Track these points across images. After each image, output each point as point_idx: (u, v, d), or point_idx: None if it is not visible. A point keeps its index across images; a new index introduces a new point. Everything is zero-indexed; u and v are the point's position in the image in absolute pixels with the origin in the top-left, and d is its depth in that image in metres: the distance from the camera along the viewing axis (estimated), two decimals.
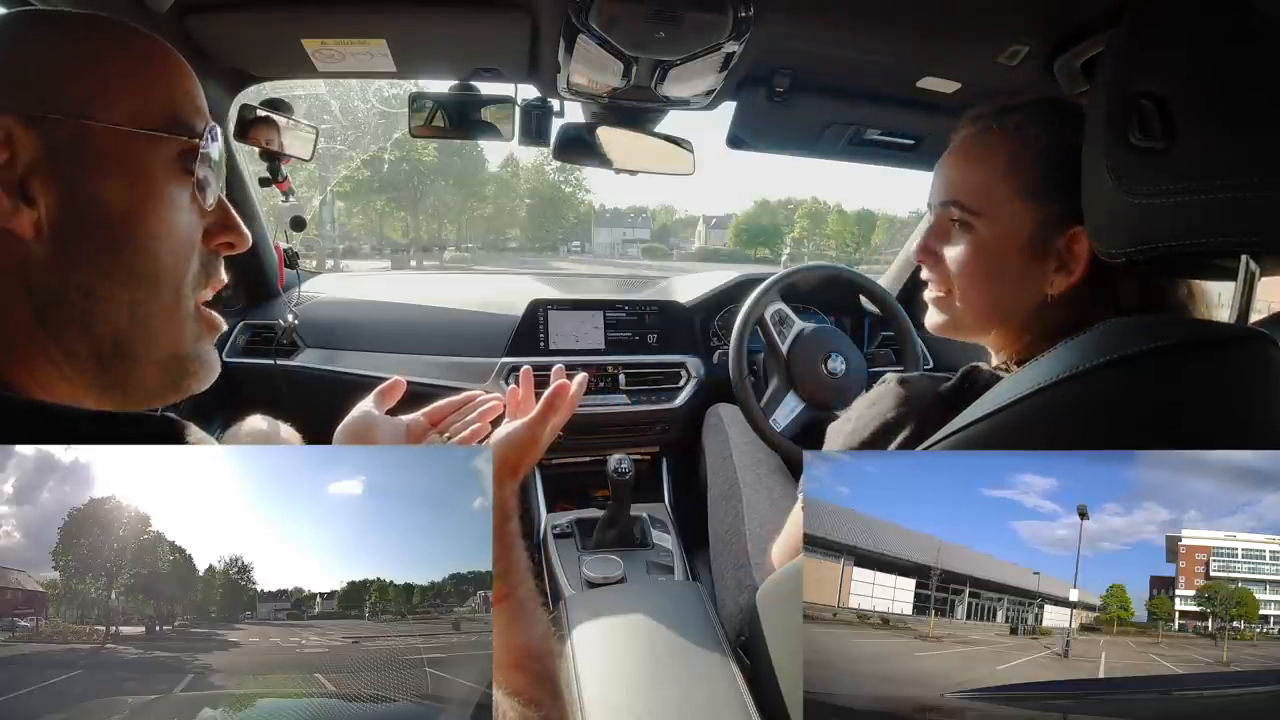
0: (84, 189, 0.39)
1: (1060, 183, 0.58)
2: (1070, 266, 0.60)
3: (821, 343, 1.43)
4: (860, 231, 49.21)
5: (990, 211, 0.62)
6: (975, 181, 0.63)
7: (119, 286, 0.40)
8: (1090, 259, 0.58)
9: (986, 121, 0.65)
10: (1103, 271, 0.58)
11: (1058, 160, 0.59)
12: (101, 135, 0.39)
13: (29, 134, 0.37)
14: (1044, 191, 0.60)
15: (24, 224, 0.37)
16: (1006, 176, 0.61)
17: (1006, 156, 0.62)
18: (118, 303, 0.40)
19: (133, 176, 0.40)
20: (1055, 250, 0.60)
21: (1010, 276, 0.62)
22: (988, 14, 0.97)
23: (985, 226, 0.63)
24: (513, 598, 0.50)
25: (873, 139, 1.39)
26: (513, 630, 0.48)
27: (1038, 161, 0.60)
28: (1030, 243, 0.61)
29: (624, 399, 1.59)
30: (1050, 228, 0.60)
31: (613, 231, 52.68)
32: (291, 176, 1.40)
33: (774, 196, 64.79)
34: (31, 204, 0.37)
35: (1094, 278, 0.60)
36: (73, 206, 0.38)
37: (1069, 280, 0.60)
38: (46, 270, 0.38)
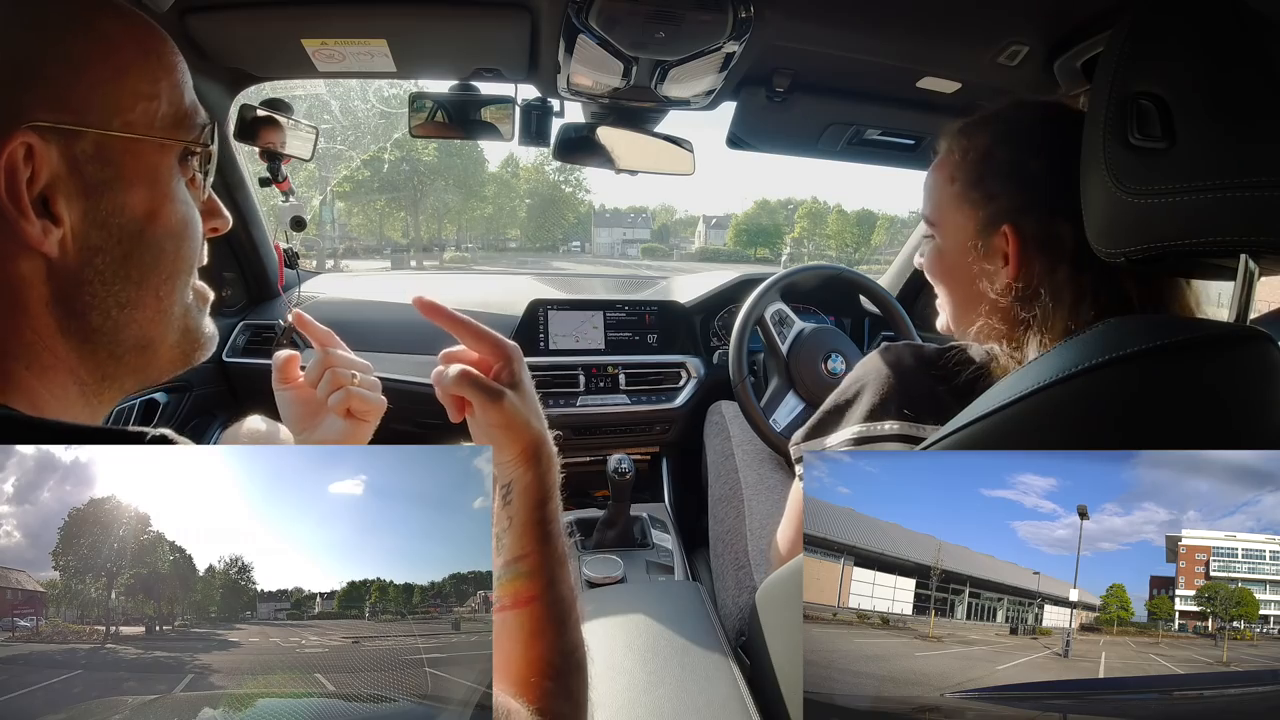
0: (108, 200, 0.38)
1: (989, 189, 0.64)
2: (1008, 261, 0.63)
3: (821, 343, 1.44)
4: (860, 231, 49.21)
5: (942, 222, 0.69)
6: (932, 197, 0.70)
7: (145, 289, 0.40)
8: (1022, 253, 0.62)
9: (944, 140, 0.70)
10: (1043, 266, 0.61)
11: (989, 168, 0.64)
12: (122, 143, 0.38)
13: (50, 148, 0.36)
14: (979, 197, 0.65)
15: (51, 244, 0.36)
16: (949, 188, 0.68)
17: (949, 169, 0.68)
18: (144, 305, 0.41)
19: (149, 180, 0.40)
20: (997, 249, 0.64)
21: (967, 277, 0.67)
22: (988, 14, 0.97)
23: (941, 235, 0.70)
24: (540, 601, 0.46)
25: (873, 139, 1.39)
26: (539, 637, 0.45)
27: (971, 170, 0.66)
28: (975, 245, 0.65)
29: (624, 399, 1.59)
30: (987, 229, 0.64)
31: (612, 231, 52.68)
32: (291, 176, 1.40)
33: (774, 196, 64.99)
34: (57, 221, 0.36)
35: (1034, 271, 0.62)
36: (99, 219, 0.38)
37: (1009, 276, 0.63)
38: (75, 286, 0.38)
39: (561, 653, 0.45)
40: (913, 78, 1.19)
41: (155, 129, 0.40)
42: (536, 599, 0.46)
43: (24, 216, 0.35)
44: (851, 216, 49.91)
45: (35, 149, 0.35)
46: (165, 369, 0.44)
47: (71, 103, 0.37)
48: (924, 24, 1.02)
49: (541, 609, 0.46)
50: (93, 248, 0.38)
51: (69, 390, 0.40)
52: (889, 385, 0.68)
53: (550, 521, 0.49)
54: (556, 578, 0.47)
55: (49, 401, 0.39)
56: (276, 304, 1.59)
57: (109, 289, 0.39)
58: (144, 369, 0.43)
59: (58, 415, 0.39)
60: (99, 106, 0.37)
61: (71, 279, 0.38)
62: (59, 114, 0.36)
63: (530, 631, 0.45)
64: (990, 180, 0.64)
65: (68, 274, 0.37)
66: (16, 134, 0.35)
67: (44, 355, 0.38)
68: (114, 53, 0.38)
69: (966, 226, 0.66)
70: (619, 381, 1.59)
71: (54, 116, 0.36)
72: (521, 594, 0.46)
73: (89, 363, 0.40)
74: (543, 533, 0.48)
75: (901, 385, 0.67)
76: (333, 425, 0.64)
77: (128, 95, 0.38)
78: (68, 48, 0.37)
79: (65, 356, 0.39)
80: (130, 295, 0.40)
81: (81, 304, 0.38)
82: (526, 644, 0.45)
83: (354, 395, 0.63)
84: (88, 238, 0.38)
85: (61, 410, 0.39)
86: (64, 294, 0.38)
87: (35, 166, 0.35)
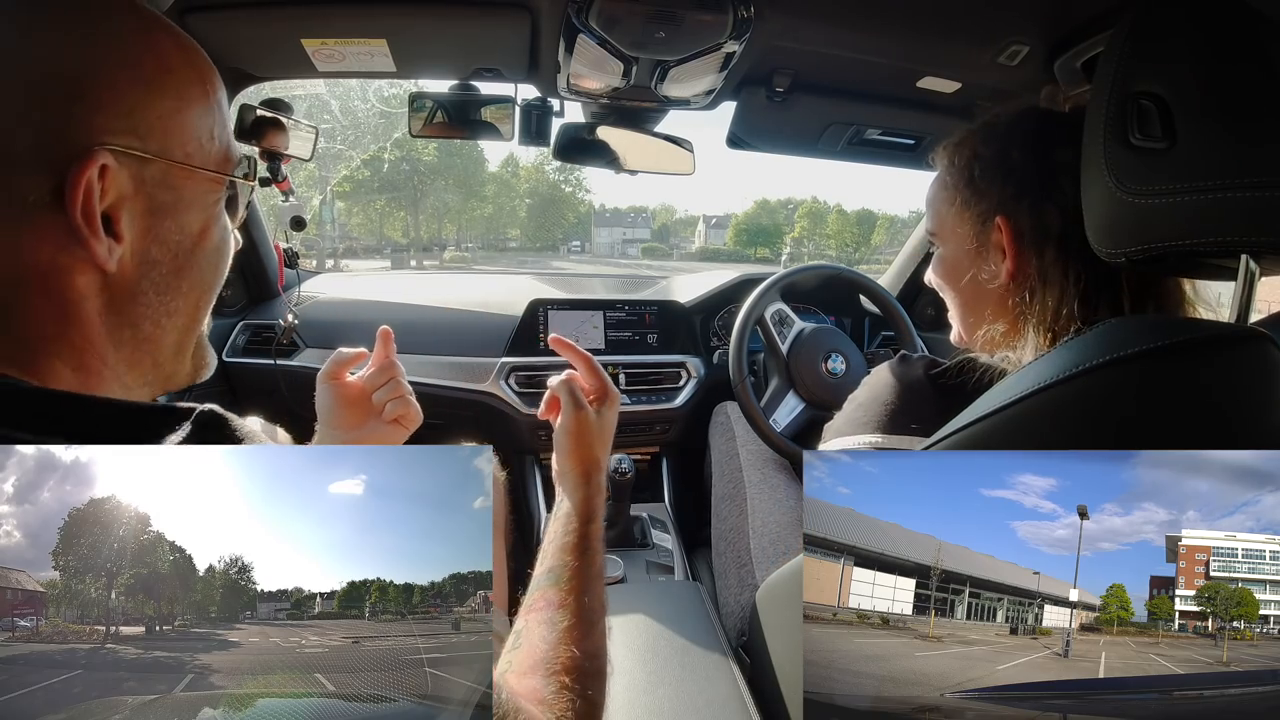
0: (170, 221, 0.40)
1: (979, 186, 0.65)
2: (1005, 253, 0.64)
3: (821, 342, 1.43)
4: (860, 231, 49.21)
5: (942, 230, 0.71)
6: (932, 209, 0.72)
7: (190, 302, 0.43)
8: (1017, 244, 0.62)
9: (938, 155, 0.72)
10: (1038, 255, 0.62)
11: (977, 167, 0.65)
12: (183, 171, 0.40)
13: (123, 170, 0.37)
14: (971, 195, 0.66)
15: (113, 260, 0.37)
16: (944, 194, 0.69)
17: (943, 178, 0.70)
18: (188, 315, 0.43)
19: (203, 205, 0.42)
20: (993, 244, 0.65)
21: (969, 278, 0.68)
22: (988, 14, 0.97)
23: (943, 243, 0.72)
24: (571, 606, 0.50)
25: (873, 139, 1.39)
26: (567, 638, 0.48)
27: (961, 173, 0.67)
28: (974, 245, 0.67)
29: (624, 399, 1.58)
30: (982, 225, 0.65)
31: (613, 231, 52.68)
32: (291, 176, 1.40)
33: (774, 196, 64.95)
34: (119, 239, 0.38)
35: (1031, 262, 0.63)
36: (159, 237, 0.40)
37: (1010, 266, 0.64)
38: (128, 300, 0.39)
39: (586, 655, 0.48)
40: (913, 78, 1.19)
41: (211, 162, 0.42)
42: (569, 604, 0.51)
43: (94, 235, 0.36)
44: (851, 216, 49.92)
45: (109, 170, 0.36)
46: (182, 380, 0.46)
47: (141, 129, 0.38)
48: (924, 24, 1.02)
49: (573, 613, 0.50)
50: (151, 262, 0.40)
51: (112, 392, 0.40)
52: (900, 400, 0.68)
53: (592, 539, 0.56)
54: (590, 589, 0.53)
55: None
56: (276, 304, 1.59)
57: (162, 299, 0.41)
58: (171, 376, 0.45)
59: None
60: (165, 135, 0.39)
61: (127, 291, 0.39)
62: (129, 138, 0.37)
63: (560, 632, 0.49)
64: (980, 178, 0.65)
65: (124, 286, 0.39)
66: (96, 154, 0.35)
67: (91, 360, 0.39)
68: (177, 82, 0.40)
69: (963, 228, 0.67)
70: (619, 381, 1.59)
71: (126, 141, 0.37)
72: (555, 598, 0.51)
73: (135, 369, 0.41)
74: (584, 547, 0.55)
75: (913, 400, 0.67)
76: (376, 429, 0.68)
77: (190, 128, 0.40)
78: (135, 70, 0.38)
79: (112, 362, 0.40)
80: (178, 305, 0.42)
81: (135, 314, 0.40)
82: (554, 643, 0.48)
83: (410, 405, 0.69)
84: (147, 253, 0.39)
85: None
86: (118, 304, 0.39)
87: (104, 186, 0.36)
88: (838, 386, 1.39)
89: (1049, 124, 0.64)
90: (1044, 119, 0.66)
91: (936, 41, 1.07)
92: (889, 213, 51.01)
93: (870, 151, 1.43)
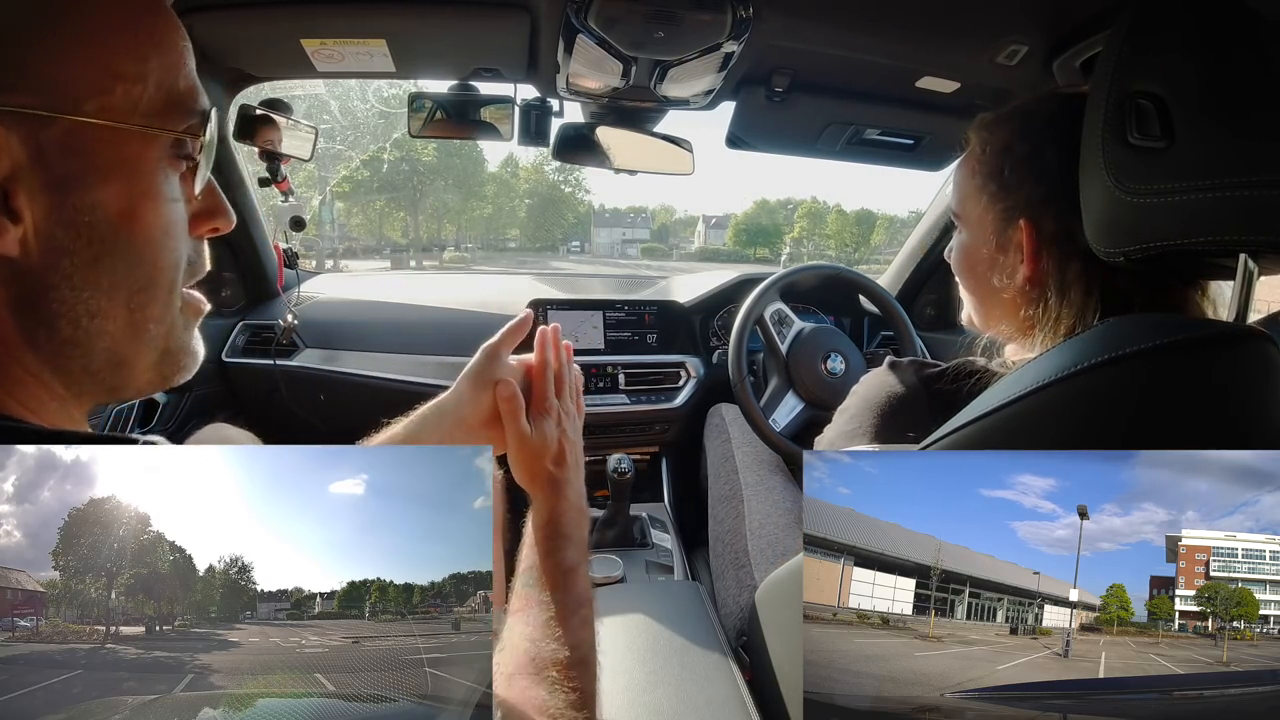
0: (77, 196, 0.33)
1: (1007, 182, 0.63)
2: (1024, 256, 0.63)
3: (821, 342, 1.44)
4: (859, 231, 49.22)
5: (965, 215, 0.69)
6: (958, 191, 0.70)
7: (117, 300, 0.36)
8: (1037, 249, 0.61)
9: (971, 133, 0.70)
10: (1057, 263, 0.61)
11: (1007, 161, 0.63)
12: (96, 131, 0.33)
13: (10, 135, 0.31)
14: (997, 190, 0.65)
15: (9, 242, 0.32)
16: (972, 181, 0.68)
17: (973, 162, 0.68)
18: (116, 317, 0.36)
19: (129, 174, 0.35)
20: (1013, 243, 0.64)
21: (985, 272, 0.67)
22: (987, 14, 0.97)
23: (965, 229, 0.70)
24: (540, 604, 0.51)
25: (872, 139, 1.39)
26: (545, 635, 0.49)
27: (991, 163, 0.65)
28: (995, 238, 0.65)
29: (624, 399, 1.59)
30: (1005, 222, 0.64)
31: (612, 231, 52.67)
32: (291, 176, 1.40)
33: (774, 196, 64.95)
34: (16, 219, 0.32)
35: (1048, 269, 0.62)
36: (65, 217, 0.33)
37: (1026, 271, 0.63)
38: (38, 293, 0.33)
39: (569, 646, 0.49)
40: (912, 77, 1.19)
41: (138, 115, 0.34)
42: (544, 600, 0.51)
43: None
44: (851, 216, 49.93)
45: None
46: (142, 388, 0.40)
47: (36, 82, 0.31)
48: (923, 24, 1.02)
49: (549, 608, 0.51)
50: (59, 249, 0.33)
51: (45, 405, 0.36)
52: (893, 407, 0.67)
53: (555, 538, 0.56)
54: (564, 584, 0.53)
55: (23, 416, 0.35)
56: (276, 304, 1.59)
57: (78, 295, 0.34)
58: (118, 388, 0.38)
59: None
60: (69, 87, 0.32)
61: (35, 283, 0.33)
62: (21, 96, 0.31)
63: (538, 628, 0.49)
64: (1009, 174, 0.63)
65: (30, 277, 0.33)
66: None
67: (12, 368, 0.34)
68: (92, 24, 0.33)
69: (985, 220, 0.66)
70: (618, 381, 1.59)
71: (16, 99, 0.31)
72: (532, 596, 0.52)
73: (61, 376, 0.36)
74: (548, 547, 0.55)
75: (907, 406, 0.66)
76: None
77: (106, 75, 0.33)
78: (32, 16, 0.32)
79: (35, 369, 0.35)
80: (100, 305, 0.35)
81: (48, 311, 0.34)
82: (535, 640, 0.49)
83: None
84: (53, 237, 0.33)
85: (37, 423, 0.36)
86: (27, 299, 0.33)
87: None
88: (837, 386, 1.39)
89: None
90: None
91: (935, 41, 1.07)
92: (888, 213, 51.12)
93: (869, 151, 1.43)
